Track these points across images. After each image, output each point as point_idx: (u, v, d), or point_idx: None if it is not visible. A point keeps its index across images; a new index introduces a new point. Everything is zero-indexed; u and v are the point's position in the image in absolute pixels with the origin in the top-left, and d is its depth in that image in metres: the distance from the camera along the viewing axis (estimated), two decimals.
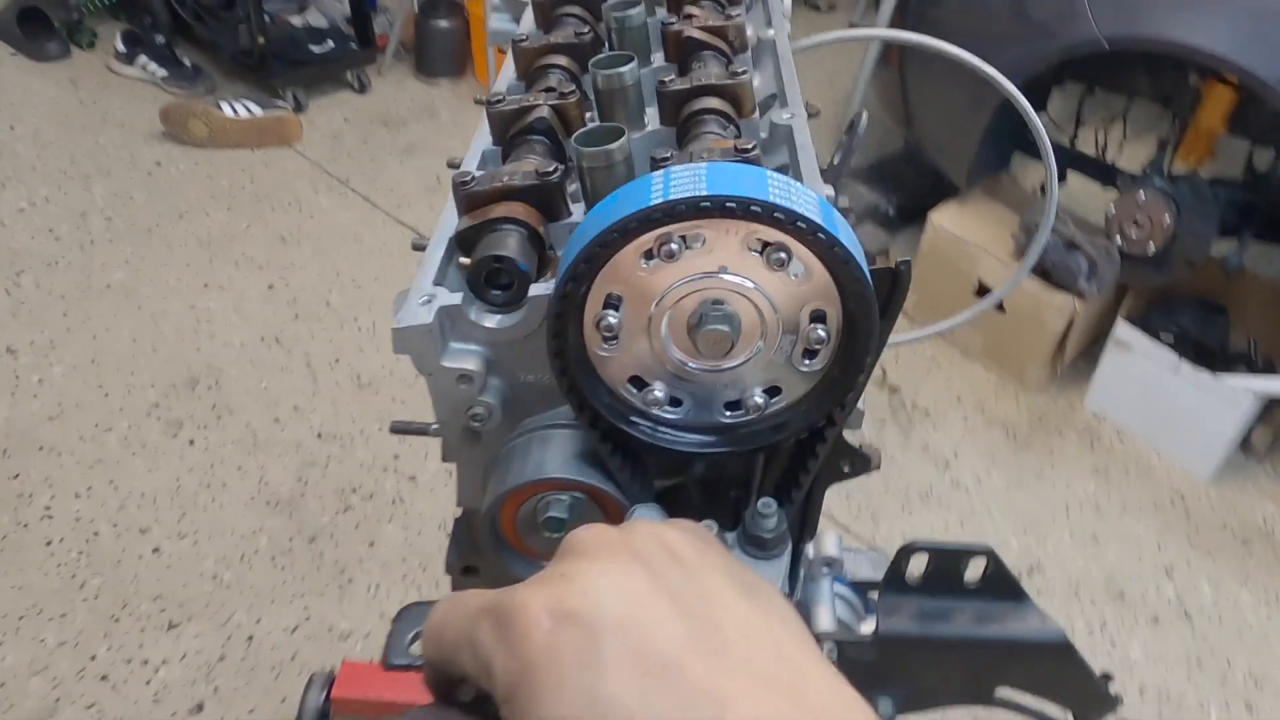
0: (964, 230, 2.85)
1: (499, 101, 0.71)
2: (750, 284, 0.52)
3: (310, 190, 3.43)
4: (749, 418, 0.58)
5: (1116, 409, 2.86)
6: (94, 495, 2.33)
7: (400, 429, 0.72)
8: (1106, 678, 0.75)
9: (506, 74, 0.90)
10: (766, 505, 0.57)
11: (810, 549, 0.64)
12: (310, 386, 2.69)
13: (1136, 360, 2.71)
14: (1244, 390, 2.55)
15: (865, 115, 1.10)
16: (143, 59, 3.80)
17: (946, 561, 0.70)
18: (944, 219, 2.93)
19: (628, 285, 0.52)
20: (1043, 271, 2.73)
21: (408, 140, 3.76)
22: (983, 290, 2.88)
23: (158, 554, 2.23)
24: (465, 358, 0.60)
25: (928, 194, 3.28)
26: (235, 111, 3.52)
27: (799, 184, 0.50)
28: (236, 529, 2.30)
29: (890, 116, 3.22)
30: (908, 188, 3.43)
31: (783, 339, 0.54)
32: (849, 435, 0.64)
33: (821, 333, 0.53)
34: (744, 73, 0.73)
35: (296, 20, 4.00)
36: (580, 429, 0.60)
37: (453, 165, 0.79)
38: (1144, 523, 2.61)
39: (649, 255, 0.51)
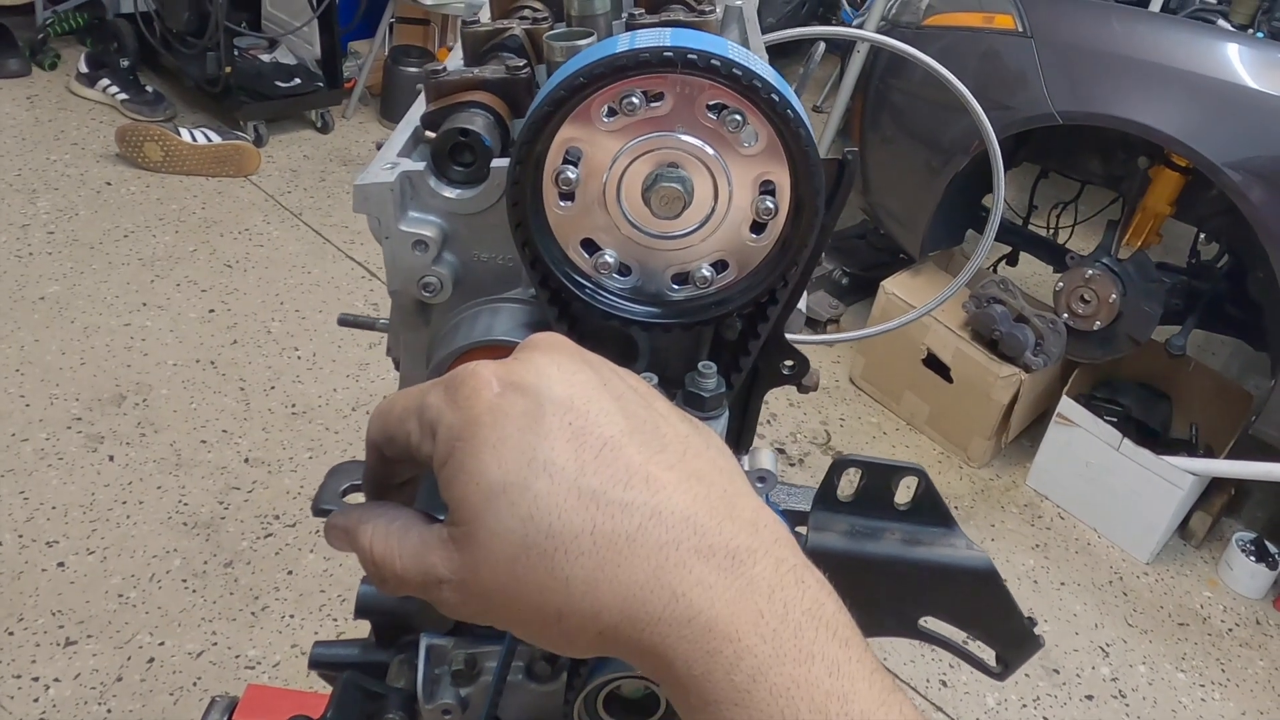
0: (915, 298, 2.87)
1: (440, 70, 0.71)
2: (705, 147, 0.53)
3: (262, 220, 3.39)
4: (695, 291, 0.59)
5: (1058, 486, 2.85)
6: (1, 504, 2.22)
7: (349, 321, 0.74)
8: (1031, 620, 0.74)
9: (455, 58, 0.90)
10: (706, 366, 0.58)
11: (745, 461, 0.62)
12: (242, 410, 2.61)
13: (1079, 436, 2.71)
14: (1184, 471, 2.55)
15: (821, 47, 1.10)
16: (104, 81, 3.77)
17: (878, 478, 0.70)
18: (896, 286, 2.95)
19: (588, 140, 0.54)
20: (990, 343, 2.75)
21: None
22: (931, 359, 2.88)
23: (63, 568, 2.13)
24: (423, 225, 0.61)
25: (881, 266, 3.32)
26: (194, 138, 3.48)
27: (757, 56, 0.52)
28: (149, 548, 2.21)
29: None
30: (862, 259, 3.47)
31: (733, 208, 0.56)
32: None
33: (770, 204, 0.55)
34: (710, 11, 0.74)
35: (265, 57, 4.00)
36: (529, 305, 0.62)
37: (379, 145, 0.79)
38: (1082, 600, 2.59)
39: (611, 112, 0.52)
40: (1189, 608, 2.63)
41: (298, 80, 3.92)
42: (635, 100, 0.52)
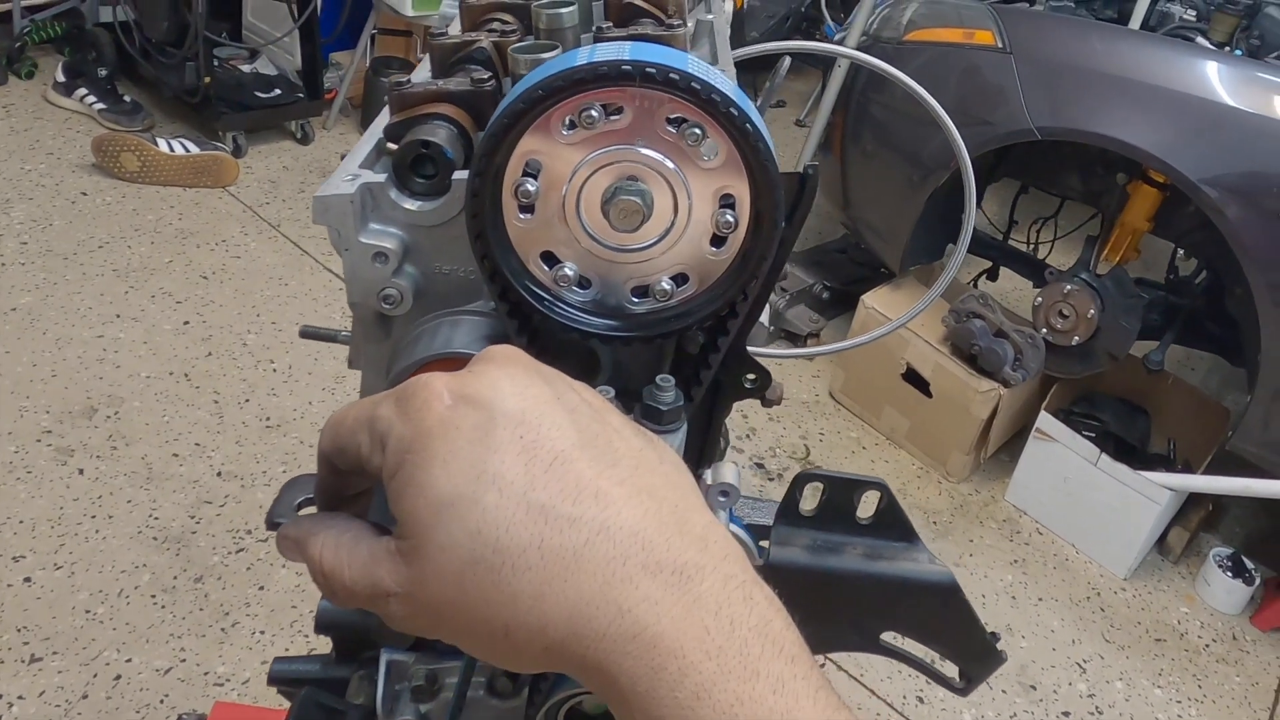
0: (894, 312, 2.86)
1: (404, 82, 0.71)
2: (664, 160, 0.54)
3: (239, 231, 3.36)
4: (655, 304, 0.59)
5: (1036, 501, 2.85)
6: None
7: (310, 334, 0.74)
8: (994, 635, 0.74)
9: (422, 70, 0.90)
10: (664, 379, 0.58)
11: (709, 475, 0.61)
12: (216, 424, 2.58)
13: (1058, 451, 2.71)
14: (1162, 487, 2.55)
15: (788, 61, 1.09)
16: (81, 91, 3.74)
17: (840, 492, 0.71)
18: (876, 300, 2.94)
19: (548, 153, 0.54)
20: (970, 357, 2.75)
21: None
22: (910, 373, 2.88)
23: (29, 583, 2.09)
24: (383, 237, 0.61)
25: (861, 281, 3.32)
26: (171, 148, 3.46)
27: (716, 69, 0.52)
28: (118, 563, 2.17)
29: (829, 201, 3.26)
30: (842, 273, 3.47)
31: (692, 221, 0.56)
32: None
33: (730, 217, 0.55)
34: (680, 25, 0.74)
35: (246, 67, 3.97)
36: (490, 318, 0.61)
37: (343, 157, 0.79)
38: (1059, 616, 2.58)
39: (571, 125, 0.52)
40: (1166, 623, 2.62)
41: (278, 91, 3.90)
42: (594, 113, 0.52)
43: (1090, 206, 2.92)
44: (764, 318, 0.65)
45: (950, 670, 0.77)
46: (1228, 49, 2.93)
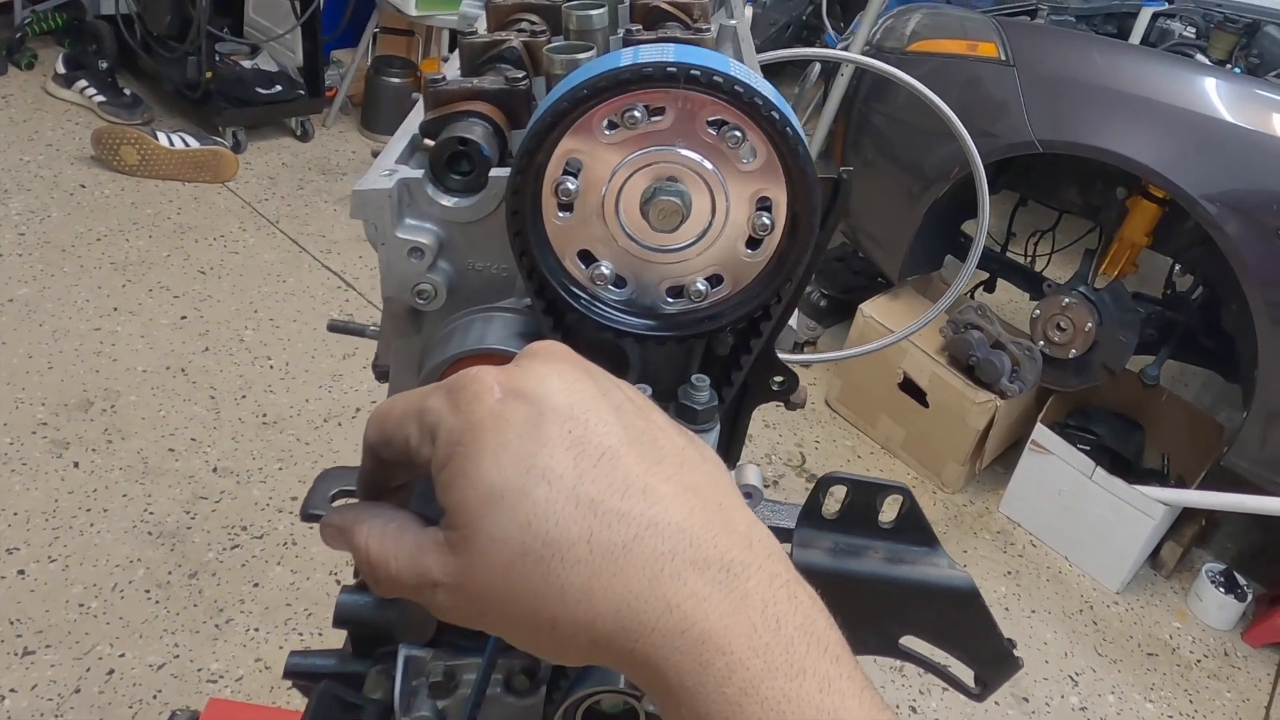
0: (893, 322, 2.87)
1: (440, 79, 0.71)
2: (704, 162, 0.54)
3: (238, 227, 3.36)
4: (689, 305, 0.59)
5: (1030, 514, 2.86)
6: None
7: (338, 328, 0.74)
8: (1011, 642, 0.74)
9: (452, 67, 0.91)
10: (700, 379, 0.59)
11: (732, 477, 0.62)
12: (212, 419, 2.57)
13: (1053, 464, 2.72)
14: (1156, 501, 2.56)
15: (817, 67, 1.10)
16: (81, 83, 3.73)
17: (863, 495, 0.71)
18: (874, 310, 2.95)
19: (588, 152, 0.54)
20: (967, 368, 2.75)
21: (344, 190, 3.71)
22: (907, 382, 2.89)
23: (22, 576, 2.08)
24: (419, 233, 0.61)
25: (859, 290, 3.33)
26: (171, 142, 3.45)
27: (757, 74, 0.53)
28: (112, 557, 2.16)
29: None
30: (840, 282, 3.48)
31: (729, 223, 0.56)
32: None
33: (766, 220, 0.55)
34: (706, 30, 0.75)
35: (247, 63, 3.97)
36: (522, 315, 0.62)
37: (375, 154, 0.79)
38: (1052, 628, 2.58)
39: (612, 125, 0.53)
40: (1158, 638, 2.63)
41: (279, 87, 3.90)
42: (637, 114, 0.52)
43: (1089, 220, 2.93)
44: (792, 321, 0.65)
45: (966, 676, 0.77)
46: (1227, 66, 2.95)
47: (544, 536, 0.39)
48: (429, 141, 0.60)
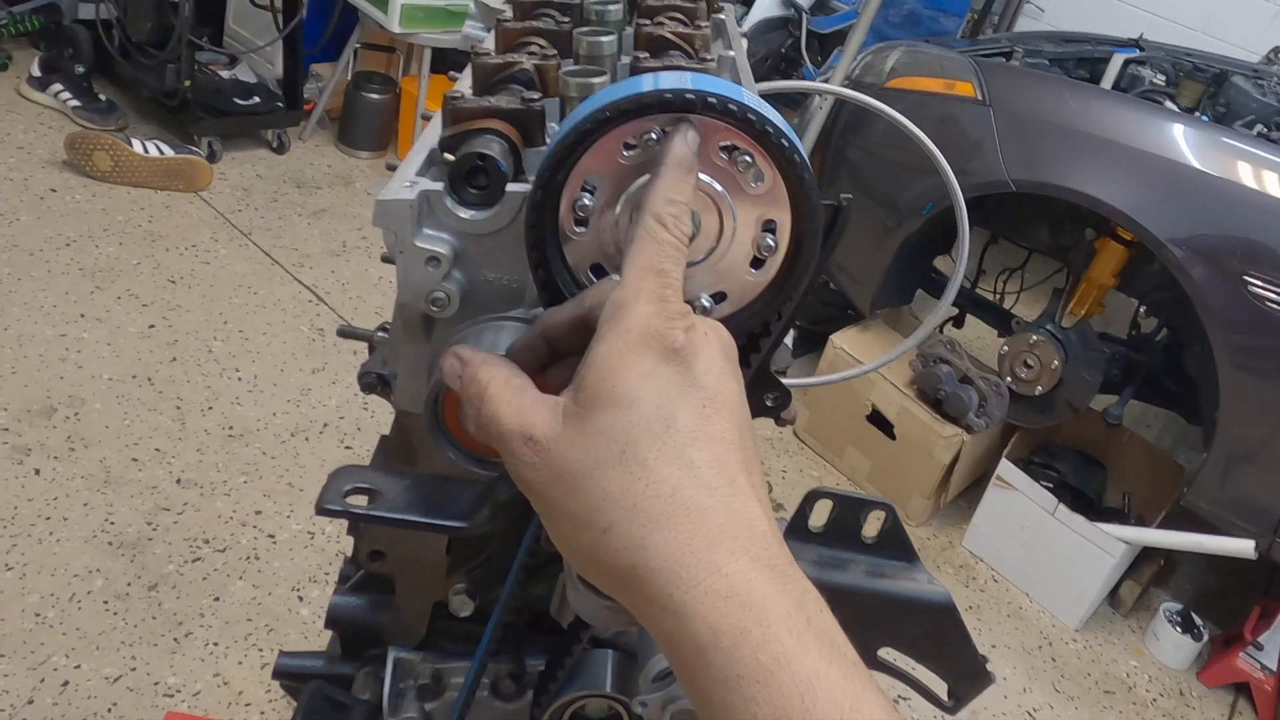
0: (862, 354, 2.90)
1: (458, 96, 0.73)
2: (714, 184, 0.56)
3: (210, 237, 3.33)
4: None
5: (993, 548, 2.88)
6: None
7: (348, 333, 0.76)
8: (984, 658, 0.77)
9: (464, 85, 0.92)
10: None
11: None
12: (177, 430, 2.54)
13: (1016, 499, 2.75)
14: (1116, 539, 2.60)
15: (819, 100, 1.12)
16: (56, 87, 3.70)
17: (848, 510, 0.74)
18: (844, 341, 2.98)
19: (606, 171, 0.56)
20: (935, 402, 2.78)
21: (318, 204, 3.70)
22: (875, 414, 2.91)
23: None
24: (436, 242, 0.63)
25: (830, 320, 3.36)
26: (145, 149, 3.42)
27: (768, 104, 0.56)
28: (71, 566, 2.13)
29: None
30: (811, 313, 3.50)
31: (735, 244, 0.58)
32: None
33: (771, 241, 0.57)
34: (710, 60, 0.78)
35: (225, 73, 3.96)
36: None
37: (391, 167, 0.81)
38: (1011, 664, 2.60)
39: (629, 147, 0.55)
40: (1115, 676, 2.66)
41: (257, 99, 3.88)
42: (654, 136, 0.55)
43: (1057, 260, 2.98)
44: (787, 340, 0.66)
45: (941, 690, 0.80)
46: (1195, 114, 3.02)
47: (642, 461, 0.44)
48: (448, 156, 0.62)
